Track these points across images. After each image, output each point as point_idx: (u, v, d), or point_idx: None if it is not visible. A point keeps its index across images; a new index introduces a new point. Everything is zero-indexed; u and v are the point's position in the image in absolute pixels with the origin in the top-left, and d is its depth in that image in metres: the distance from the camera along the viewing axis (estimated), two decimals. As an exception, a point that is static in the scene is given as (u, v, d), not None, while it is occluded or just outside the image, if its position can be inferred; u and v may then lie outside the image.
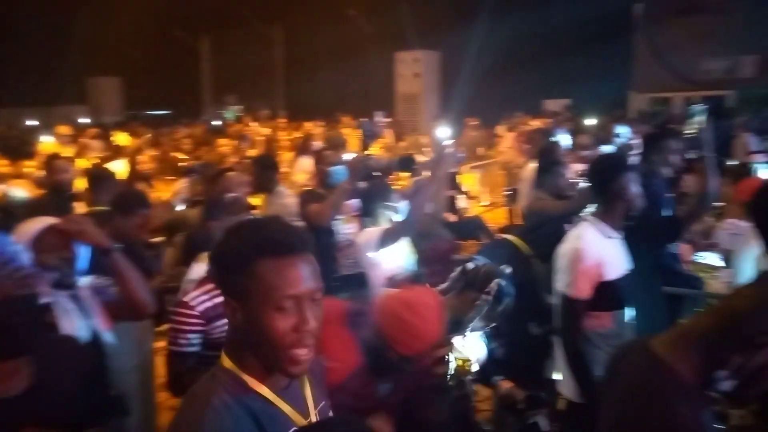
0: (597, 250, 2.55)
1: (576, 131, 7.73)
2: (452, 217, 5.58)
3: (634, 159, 4.41)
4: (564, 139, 5.48)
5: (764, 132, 8.17)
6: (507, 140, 8.70)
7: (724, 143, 6.57)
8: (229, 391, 1.18)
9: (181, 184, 5.20)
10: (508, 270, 2.36)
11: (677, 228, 3.24)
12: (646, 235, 3.02)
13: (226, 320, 1.28)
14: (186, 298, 2.24)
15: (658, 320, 2.84)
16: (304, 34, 18.91)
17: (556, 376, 2.73)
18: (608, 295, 2.55)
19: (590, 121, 9.36)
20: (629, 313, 2.67)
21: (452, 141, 4.35)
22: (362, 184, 3.58)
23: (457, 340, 2.22)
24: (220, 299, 1.27)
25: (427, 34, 14.07)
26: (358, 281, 3.08)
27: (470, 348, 2.27)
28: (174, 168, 6.74)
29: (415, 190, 3.76)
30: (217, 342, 2.07)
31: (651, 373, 1.52)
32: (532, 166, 4.66)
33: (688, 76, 12.31)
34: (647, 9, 12.65)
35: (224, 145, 8.01)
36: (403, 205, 3.30)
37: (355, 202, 3.60)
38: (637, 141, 4.82)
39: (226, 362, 1.22)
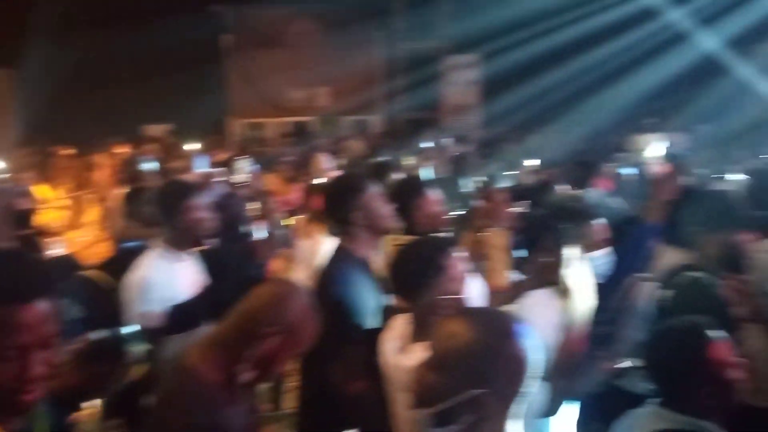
0: (164, 276, 2.66)
1: (176, 156, 7.83)
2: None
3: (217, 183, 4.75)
4: (152, 166, 5.51)
5: (337, 152, 9.65)
6: (104, 169, 8.25)
7: (304, 162, 7.54)
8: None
9: None
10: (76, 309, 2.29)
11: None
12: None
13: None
14: None
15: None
16: None
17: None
18: (180, 318, 2.68)
19: (192, 146, 9.56)
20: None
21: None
22: None
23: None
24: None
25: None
26: None
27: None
28: None
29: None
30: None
31: (176, 379, 1.69)
32: (121, 193, 4.57)
33: (276, 103, 13.74)
34: (235, 40, 13.65)
35: None
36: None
37: None
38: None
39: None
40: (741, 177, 4.35)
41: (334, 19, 12.79)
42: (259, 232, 4.07)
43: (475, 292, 2.16)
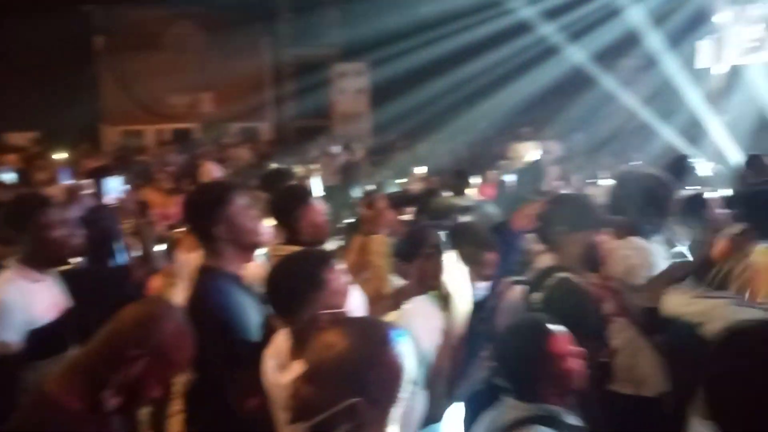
0: (20, 297, 2.44)
1: (40, 167, 7.24)
2: None
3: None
4: (10, 177, 5.07)
5: (224, 160, 9.36)
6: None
7: (185, 172, 7.23)
8: None
9: None
10: None
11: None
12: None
13: None
14: None
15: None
16: None
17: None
18: (40, 343, 2.47)
19: (60, 156, 8.90)
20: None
21: None
22: None
23: None
24: None
25: None
26: None
27: None
28: None
29: None
30: None
31: (35, 410, 1.54)
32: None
33: (156, 109, 13.12)
34: (108, 42, 12.86)
35: None
36: None
37: None
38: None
39: None
40: (609, 182, 4.71)
41: (218, 22, 12.43)
42: (135, 249, 3.85)
43: (355, 302, 2.15)
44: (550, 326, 1.88)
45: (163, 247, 3.69)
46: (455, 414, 2.28)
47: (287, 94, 13.42)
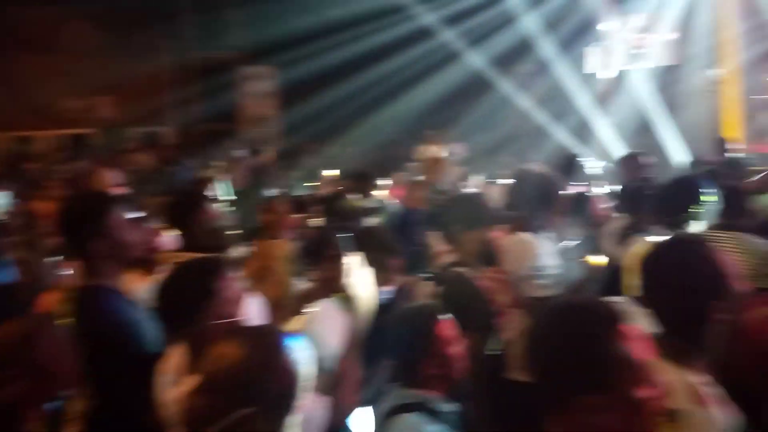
0: None
1: None
2: None
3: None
4: None
5: (121, 166, 8.95)
6: None
7: (80, 180, 6.86)
8: None
9: None
10: None
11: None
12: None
13: None
14: None
15: None
16: None
17: None
18: None
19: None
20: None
21: None
22: None
23: None
24: None
25: None
26: None
27: None
28: None
29: None
30: None
31: None
32: None
33: (48, 113, 12.33)
34: (-7, 43, 11.99)
35: None
36: None
37: None
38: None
39: None
40: (506, 181, 4.92)
41: (116, 22, 11.85)
42: (23, 265, 3.62)
43: (254, 309, 2.12)
44: (436, 312, 1.98)
45: (54, 260, 3.50)
46: (361, 419, 2.29)
47: (191, 97, 13.01)
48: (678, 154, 8.46)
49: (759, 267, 2.43)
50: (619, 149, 8.73)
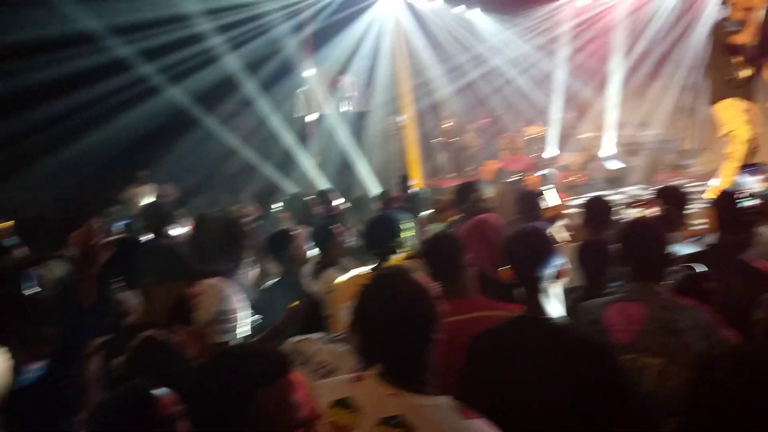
0: None
1: None
2: None
3: None
4: None
5: None
6: None
7: None
8: None
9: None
10: None
11: None
12: None
13: None
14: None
15: None
16: None
17: None
18: None
19: None
20: None
21: None
22: None
23: None
24: None
25: None
26: None
27: None
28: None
29: None
30: None
31: None
32: None
33: None
34: None
35: None
36: None
37: None
38: None
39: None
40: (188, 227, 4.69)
41: None
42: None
43: None
44: (153, 392, 1.70)
45: None
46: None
47: None
48: (373, 188, 9.40)
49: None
50: (323, 185, 9.33)
